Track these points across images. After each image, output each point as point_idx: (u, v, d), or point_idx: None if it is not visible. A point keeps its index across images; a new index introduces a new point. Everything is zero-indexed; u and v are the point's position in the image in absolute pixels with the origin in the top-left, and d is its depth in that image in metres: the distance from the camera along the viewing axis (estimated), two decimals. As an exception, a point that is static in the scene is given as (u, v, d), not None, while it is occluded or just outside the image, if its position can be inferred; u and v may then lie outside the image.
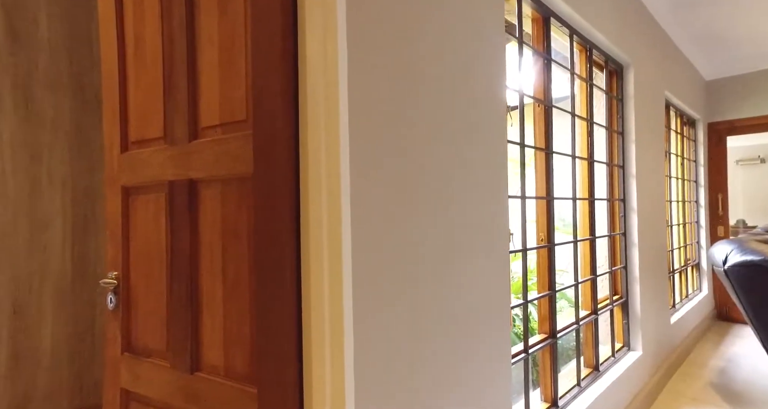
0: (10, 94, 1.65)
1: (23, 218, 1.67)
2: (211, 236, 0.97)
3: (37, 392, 1.68)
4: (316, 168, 0.80)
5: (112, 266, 1.17)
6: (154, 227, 1.08)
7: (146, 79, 1.09)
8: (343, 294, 0.78)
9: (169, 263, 1.04)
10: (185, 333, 1.00)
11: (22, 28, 1.69)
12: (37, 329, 1.70)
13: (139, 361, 1.09)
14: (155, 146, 1.08)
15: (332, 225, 0.79)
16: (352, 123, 0.80)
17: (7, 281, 1.63)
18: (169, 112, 1.04)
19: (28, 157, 1.69)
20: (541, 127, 1.66)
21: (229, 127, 0.94)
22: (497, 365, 1.17)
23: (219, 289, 0.96)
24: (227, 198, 0.95)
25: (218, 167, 0.95)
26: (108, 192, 1.19)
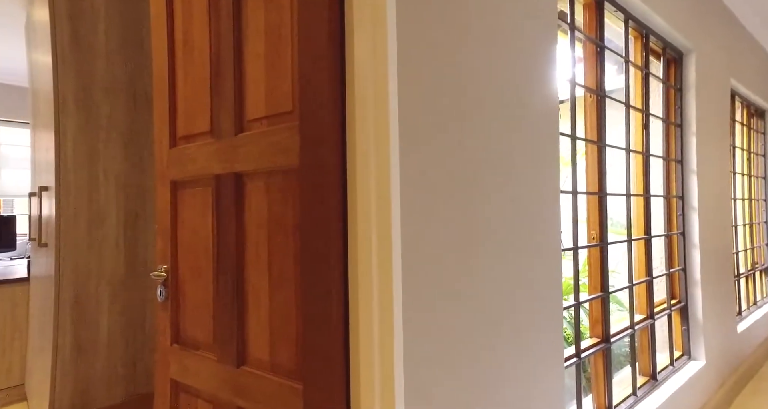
0: (73, 97, 1.75)
1: (82, 214, 1.76)
2: (256, 230, 0.97)
3: (96, 378, 1.77)
4: (365, 159, 0.77)
5: (162, 259, 1.20)
6: (200, 220, 1.10)
7: (194, 74, 1.11)
8: (392, 290, 0.75)
9: (216, 256, 1.05)
10: (231, 327, 1.01)
11: (84, 36, 1.78)
12: (95, 319, 1.78)
13: (187, 353, 1.11)
14: (202, 141, 1.09)
15: (381, 219, 0.76)
16: (401, 113, 0.77)
17: (69, 273, 1.72)
18: (216, 107, 1.05)
19: (87, 156, 1.78)
20: (593, 118, 1.57)
21: (274, 119, 0.94)
22: (550, 368, 1.10)
23: (264, 283, 0.95)
24: (273, 191, 0.94)
25: (264, 160, 0.94)
26: (157, 187, 1.22)
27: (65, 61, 1.74)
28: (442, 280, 0.84)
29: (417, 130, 0.80)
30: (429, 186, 0.82)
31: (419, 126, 0.80)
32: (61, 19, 1.75)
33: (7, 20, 2.71)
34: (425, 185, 0.81)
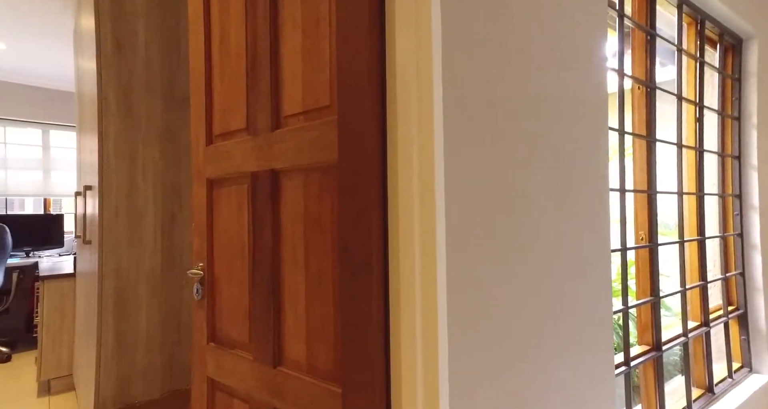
0: (114, 98, 1.80)
1: (123, 212, 1.81)
2: (293, 228, 0.95)
3: (136, 372, 1.82)
4: (407, 155, 0.73)
5: (198, 258, 1.20)
6: (236, 218, 1.09)
7: (230, 71, 1.10)
8: (437, 292, 0.71)
9: (251, 254, 1.04)
10: (267, 326, 0.99)
11: (124, 39, 1.84)
12: (135, 315, 1.83)
13: (223, 351, 1.11)
14: (238, 138, 1.08)
15: (425, 218, 0.72)
16: (446, 108, 0.73)
17: (110, 270, 1.78)
18: (252, 103, 1.04)
19: (127, 156, 1.83)
20: (642, 112, 1.47)
21: (312, 115, 0.91)
22: (599, 376, 1.03)
23: (301, 282, 0.93)
24: (309, 188, 0.92)
25: (301, 156, 0.92)
26: (194, 185, 1.22)
27: (108, 65, 1.79)
28: (486, 282, 0.79)
29: (462, 125, 0.75)
30: (474, 184, 0.77)
31: (464, 121, 0.76)
32: (105, 25, 1.80)
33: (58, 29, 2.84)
34: (470, 184, 0.77)
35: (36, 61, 3.42)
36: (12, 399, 2.47)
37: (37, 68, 3.56)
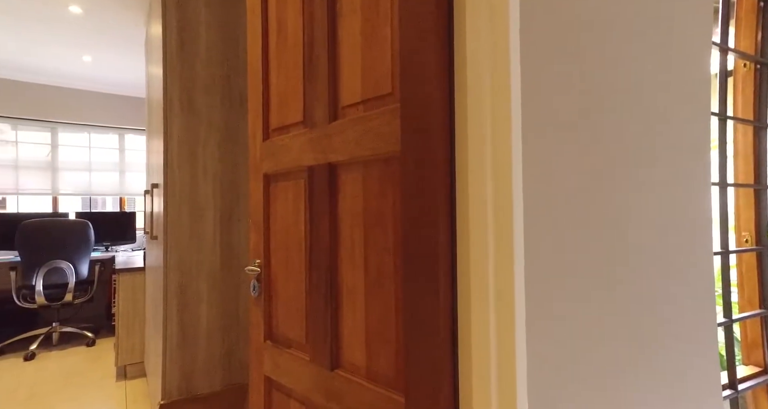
0: (178, 99, 1.87)
1: (185, 209, 1.88)
2: (351, 224, 0.90)
3: (198, 366, 1.88)
4: (479, 145, 0.65)
5: (255, 254, 1.19)
6: (293, 214, 1.06)
7: (287, 63, 1.07)
8: (514, 297, 0.62)
9: (308, 251, 1.00)
10: (324, 327, 0.95)
11: (188, 43, 1.90)
12: (196, 308, 1.89)
13: (279, 350, 1.08)
14: (295, 131, 1.05)
15: (499, 214, 0.63)
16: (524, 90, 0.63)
17: (175, 264, 1.84)
18: (309, 94, 1.00)
19: (189, 155, 1.89)
20: (749, 93, 1.26)
21: (371, 103, 0.85)
22: (703, 397, 0.88)
23: (360, 281, 0.87)
24: (369, 182, 0.86)
25: (360, 148, 0.86)
26: (251, 181, 1.21)
27: (172, 67, 1.87)
28: (570, 287, 0.68)
29: (542, 113, 0.66)
30: (555, 180, 0.67)
31: (545, 108, 0.66)
32: (171, 31, 1.88)
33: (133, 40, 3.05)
34: (550, 179, 0.66)
35: (115, 71, 3.70)
36: (95, 381, 2.67)
37: (115, 77, 3.86)
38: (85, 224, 3.36)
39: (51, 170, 3.93)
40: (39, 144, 3.88)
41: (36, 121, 3.86)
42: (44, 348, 3.34)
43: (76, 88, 3.99)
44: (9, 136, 3.77)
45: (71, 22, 2.77)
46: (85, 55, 3.34)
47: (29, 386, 2.65)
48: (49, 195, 3.94)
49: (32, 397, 2.48)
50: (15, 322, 3.59)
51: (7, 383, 2.69)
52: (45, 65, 3.56)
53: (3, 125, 3.75)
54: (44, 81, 3.85)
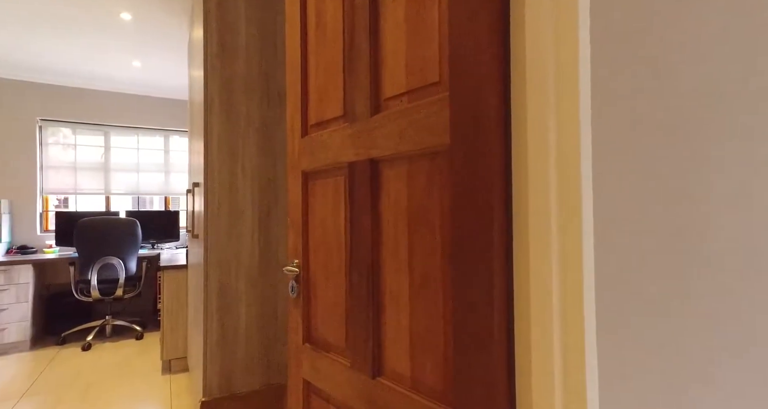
0: (218, 97, 1.89)
1: (224, 208, 1.89)
2: (394, 223, 0.84)
3: (237, 364, 1.89)
4: (541, 134, 0.58)
5: (294, 254, 1.16)
6: (332, 212, 1.02)
7: (326, 56, 1.03)
8: (583, 308, 0.54)
9: (348, 252, 0.96)
10: (365, 332, 0.90)
11: (227, 39, 1.92)
12: (236, 308, 1.90)
13: (318, 354, 1.05)
14: (334, 126, 1.01)
15: (566, 213, 0.55)
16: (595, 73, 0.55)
17: (215, 263, 1.86)
18: (349, 87, 0.95)
19: (228, 153, 1.91)
20: None
21: (417, 94, 0.79)
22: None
23: (404, 285, 0.82)
24: (414, 178, 0.80)
25: (404, 142, 0.81)
26: (289, 178, 1.19)
27: (213, 67, 1.89)
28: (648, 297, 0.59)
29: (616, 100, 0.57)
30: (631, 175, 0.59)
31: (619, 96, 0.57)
32: (211, 31, 1.90)
33: (177, 44, 3.15)
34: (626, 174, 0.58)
35: (161, 75, 3.85)
36: (143, 374, 2.78)
37: (161, 81, 4.01)
38: (134, 223, 3.51)
39: (104, 171, 4.15)
40: (94, 147, 4.11)
41: (92, 125, 4.08)
42: (99, 339, 3.53)
43: (126, 93, 4.19)
44: (69, 140, 4.01)
45: (122, 28, 2.89)
46: (135, 60, 3.48)
47: (87, 375, 2.79)
48: (102, 195, 4.16)
49: (89, 386, 2.61)
50: (74, 314, 3.81)
51: (69, 371, 2.86)
52: (99, 72, 3.76)
53: (65, 130, 4.00)
54: (99, 87, 4.07)
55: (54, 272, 3.82)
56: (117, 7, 2.59)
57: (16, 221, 3.79)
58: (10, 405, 2.35)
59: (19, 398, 2.44)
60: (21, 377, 2.79)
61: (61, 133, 4.01)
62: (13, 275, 3.26)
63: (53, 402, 2.39)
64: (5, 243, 3.57)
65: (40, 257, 3.40)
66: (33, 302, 3.36)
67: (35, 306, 3.41)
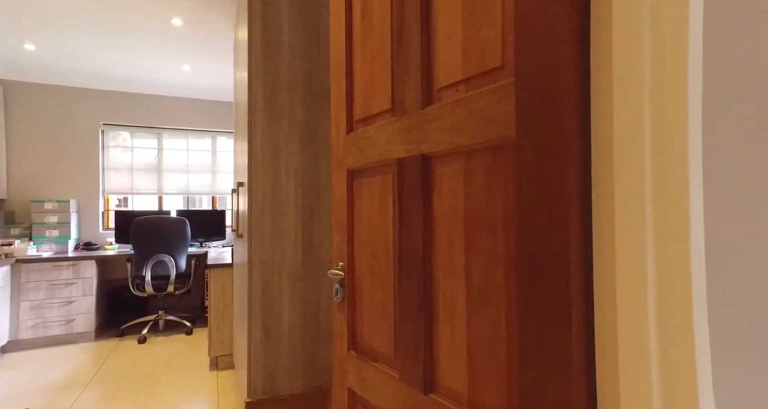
0: (262, 95, 1.89)
1: (268, 208, 1.89)
2: (449, 225, 0.77)
3: (280, 366, 1.88)
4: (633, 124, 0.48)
5: (338, 256, 1.11)
6: (379, 213, 0.95)
7: (372, 47, 0.97)
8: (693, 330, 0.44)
9: (397, 255, 0.89)
10: (416, 342, 0.83)
11: (272, 36, 1.91)
12: (279, 308, 1.89)
13: (365, 363, 0.99)
14: (381, 121, 0.95)
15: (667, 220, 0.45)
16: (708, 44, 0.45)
17: (258, 263, 1.86)
18: (398, 78, 0.88)
19: (272, 153, 1.90)
20: None
21: (475, 81, 0.71)
22: None
23: (460, 293, 0.74)
24: (472, 175, 0.72)
25: (460, 135, 0.73)
26: (334, 177, 1.14)
27: (257, 66, 1.89)
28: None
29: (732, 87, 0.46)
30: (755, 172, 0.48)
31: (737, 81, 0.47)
32: (256, 30, 1.90)
33: (223, 47, 3.23)
34: (749, 170, 0.47)
35: (208, 78, 3.97)
36: (191, 368, 2.87)
37: (208, 84, 4.15)
38: (183, 221, 3.64)
39: (157, 172, 4.35)
40: (148, 149, 4.31)
41: (147, 128, 4.29)
42: (153, 333, 3.69)
43: (177, 96, 4.36)
44: (127, 143, 4.24)
45: (173, 34, 3.00)
46: (185, 64, 3.61)
47: (142, 367, 2.92)
48: (155, 194, 4.36)
49: (144, 377, 2.72)
50: (131, 308, 4.02)
51: (126, 362, 3.01)
52: (152, 77, 3.93)
53: (124, 133, 4.23)
54: (152, 91, 4.27)
55: (114, 268, 4.05)
56: (168, 12, 2.68)
57: (82, 220, 4.06)
58: (79, 391, 2.51)
59: (85, 386, 2.59)
60: (87, 365, 2.96)
61: (120, 136, 4.25)
62: (80, 269, 3.48)
63: (114, 391, 2.52)
64: (73, 240, 3.82)
65: (102, 254, 3.61)
66: (96, 296, 3.57)
67: (98, 299, 3.63)
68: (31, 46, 3.26)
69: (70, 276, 3.45)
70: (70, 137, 4.00)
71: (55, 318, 3.41)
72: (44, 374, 2.83)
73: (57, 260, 3.41)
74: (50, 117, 3.94)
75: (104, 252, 3.70)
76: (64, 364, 3.00)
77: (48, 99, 3.94)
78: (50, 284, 3.40)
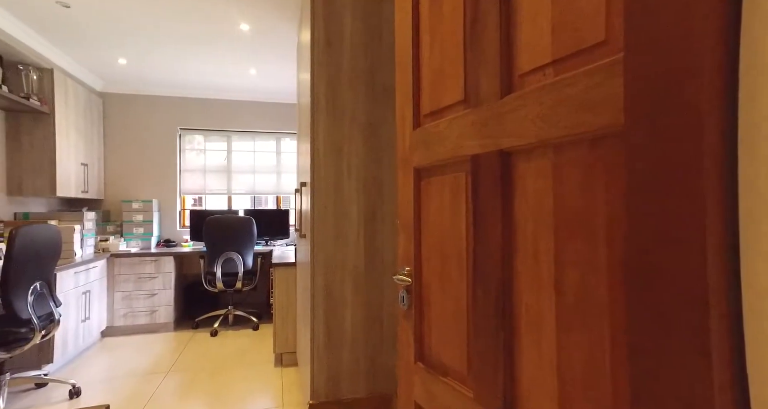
0: (324, 94, 1.88)
1: (330, 208, 1.88)
2: (534, 229, 0.67)
3: (342, 369, 1.86)
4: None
5: (404, 260, 1.05)
6: (450, 214, 0.87)
7: (443, 32, 0.89)
8: None
9: (471, 262, 0.81)
10: (494, 360, 0.74)
11: (333, 33, 1.90)
12: (341, 311, 1.88)
13: (433, 377, 0.91)
14: (453, 114, 0.86)
15: None
16: None
17: (320, 264, 1.86)
18: (472, 66, 0.80)
19: (334, 151, 1.89)
20: None
21: (568, 63, 0.61)
22: None
23: (548, 307, 0.64)
24: (563, 172, 0.62)
25: (548, 126, 0.63)
26: (399, 176, 1.07)
27: (319, 65, 1.88)
28: None
29: None
30: None
31: None
32: (318, 29, 1.90)
33: (287, 49, 3.31)
34: None
35: (273, 81, 4.12)
36: (258, 364, 2.97)
37: (273, 86, 4.30)
38: (250, 220, 3.80)
39: (226, 173, 4.60)
40: (218, 151, 4.57)
41: (217, 131, 4.54)
42: (223, 327, 3.90)
43: (244, 100, 4.58)
44: (201, 146, 4.52)
45: (241, 39, 3.13)
46: (251, 68, 3.76)
47: (213, 358, 3.08)
48: (225, 194, 4.61)
49: (216, 369, 2.87)
50: (204, 302, 4.28)
51: (200, 353, 3.20)
52: (222, 82, 4.15)
53: (198, 137, 4.52)
54: (222, 96, 4.51)
55: (189, 264, 4.34)
56: (237, 18, 2.78)
57: (163, 218, 4.40)
58: (161, 378, 2.71)
59: (166, 373, 2.80)
60: (167, 354, 3.19)
61: (195, 140, 4.54)
62: (161, 264, 3.77)
63: (190, 380, 2.68)
64: (155, 237, 4.15)
65: (179, 250, 3.87)
66: (174, 289, 3.84)
67: (176, 293, 3.90)
68: (123, 61, 3.57)
69: (153, 270, 3.74)
70: (152, 142, 4.35)
71: (141, 309, 3.71)
72: (133, 359, 3.09)
73: (142, 255, 3.71)
74: (136, 124, 4.31)
75: (181, 249, 3.97)
76: (149, 351, 3.26)
77: (134, 108, 4.31)
78: (137, 277, 3.71)
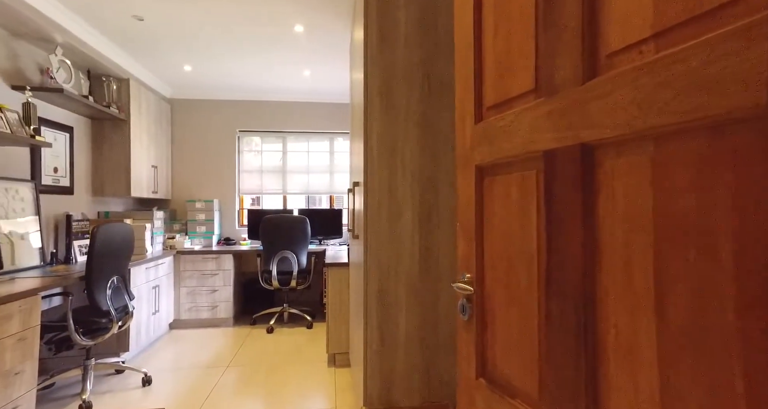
0: (377, 95, 1.83)
1: (384, 208, 1.82)
2: (624, 236, 0.56)
3: (396, 376, 1.80)
4: None
5: (464, 266, 0.96)
6: (518, 217, 0.78)
7: (509, 15, 0.80)
8: None
9: (544, 271, 0.71)
10: (573, 385, 0.64)
11: (387, 28, 1.84)
12: (395, 314, 1.82)
13: (498, 397, 0.82)
14: (521, 105, 0.77)
15: None
16: None
17: (374, 266, 1.81)
18: (544, 49, 0.70)
19: (388, 149, 1.83)
20: None
21: (676, 34, 0.50)
22: None
23: (647, 331, 0.53)
24: (666, 168, 0.51)
25: (645, 114, 0.52)
26: (459, 175, 0.99)
27: (373, 62, 1.83)
28: None
29: None
30: None
31: None
32: (372, 23, 1.85)
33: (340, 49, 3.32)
34: None
35: (326, 81, 4.16)
36: (312, 362, 3.00)
37: (326, 87, 4.34)
38: (304, 220, 3.86)
39: (282, 173, 4.72)
40: (274, 152, 4.71)
41: (273, 132, 4.68)
42: (278, 324, 4.01)
43: (298, 101, 4.67)
44: (258, 147, 4.68)
45: (295, 41, 3.17)
46: (306, 70, 3.82)
47: (270, 355, 3.16)
48: (280, 194, 4.74)
49: (272, 366, 2.94)
50: (260, 299, 4.43)
51: (257, 349, 3.30)
52: (278, 84, 4.26)
53: (255, 138, 4.69)
54: (278, 98, 4.64)
55: (247, 262, 4.51)
56: (291, 20, 2.82)
57: (223, 217, 4.61)
58: (221, 372, 2.82)
59: (226, 367, 2.91)
60: (227, 348, 3.32)
61: (252, 141, 4.71)
62: (221, 262, 3.94)
63: (249, 374, 2.77)
64: (216, 235, 4.36)
65: (238, 248, 4.03)
66: (234, 286, 4.00)
67: (235, 289, 4.06)
68: (188, 67, 3.78)
69: (214, 268, 3.92)
70: (214, 144, 4.57)
71: (204, 304, 3.90)
72: (197, 352, 3.25)
73: (205, 252, 3.90)
74: (199, 127, 4.55)
75: (239, 247, 4.13)
76: (210, 345, 3.41)
77: (197, 112, 4.55)
78: (200, 274, 3.90)
